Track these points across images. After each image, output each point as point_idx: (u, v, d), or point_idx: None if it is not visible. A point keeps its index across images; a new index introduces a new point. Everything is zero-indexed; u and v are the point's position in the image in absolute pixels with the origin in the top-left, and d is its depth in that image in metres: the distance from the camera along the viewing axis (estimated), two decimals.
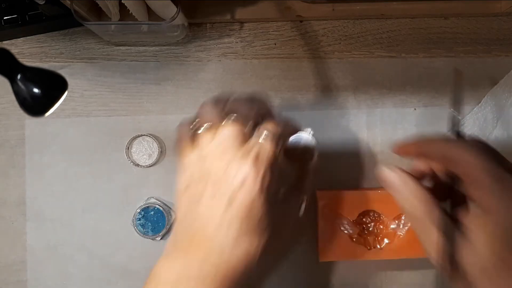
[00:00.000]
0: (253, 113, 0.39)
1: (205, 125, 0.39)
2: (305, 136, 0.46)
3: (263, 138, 0.37)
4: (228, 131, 0.37)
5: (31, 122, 0.51)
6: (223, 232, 0.35)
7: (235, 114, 0.38)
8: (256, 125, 0.39)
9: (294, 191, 0.41)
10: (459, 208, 0.36)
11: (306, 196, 0.42)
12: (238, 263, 0.35)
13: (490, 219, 0.33)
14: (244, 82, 0.52)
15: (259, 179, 0.35)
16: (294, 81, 0.52)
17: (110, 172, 0.51)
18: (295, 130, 0.43)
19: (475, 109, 0.51)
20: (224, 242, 0.35)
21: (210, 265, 0.34)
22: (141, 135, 0.51)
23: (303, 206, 0.42)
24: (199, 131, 0.39)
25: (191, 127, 0.40)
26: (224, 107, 0.39)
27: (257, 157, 0.35)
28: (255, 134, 0.38)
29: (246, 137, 0.37)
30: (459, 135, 0.39)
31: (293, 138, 0.44)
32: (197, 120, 0.40)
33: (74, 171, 0.51)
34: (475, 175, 0.34)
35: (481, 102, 0.51)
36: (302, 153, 0.46)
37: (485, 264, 0.33)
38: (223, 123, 0.38)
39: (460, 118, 0.40)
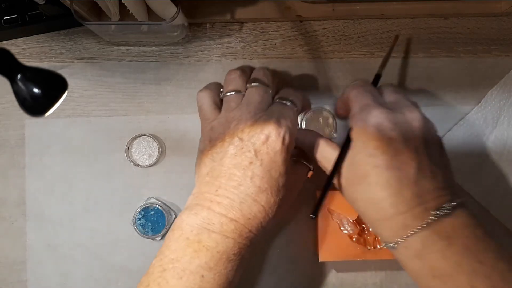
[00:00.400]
0: (275, 83, 0.44)
1: (231, 92, 0.42)
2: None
3: (286, 102, 0.41)
4: (254, 95, 0.41)
5: (31, 122, 0.51)
6: (246, 186, 0.38)
7: (258, 82, 0.42)
8: (276, 94, 0.43)
9: (303, 159, 0.45)
10: None
11: (312, 165, 0.45)
12: (255, 218, 0.38)
13: (355, 136, 0.40)
14: None
15: (280, 137, 0.38)
16: (293, 81, 0.52)
17: (110, 172, 0.51)
18: (308, 105, 0.48)
19: (475, 109, 0.51)
20: (246, 196, 0.38)
21: (231, 219, 0.38)
22: (141, 135, 0.51)
23: (310, 173, 0.45)
24: (228, 94, 0.42)
25: (221, 91, 0.44)
26: (249, 76, 0.43)
27: (279, 118, 0.39)
28: (277, 99, 0.42)
29: (269, 102, 0.42)
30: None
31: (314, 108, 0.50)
32: (224, 89, 0.43)
33: (74, 171, 0.51)
34: (350, 105, 0.42)
35: (481, 102, 0.51)
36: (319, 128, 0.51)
37: (348, 174, 0.40)
38: (248, 88, 0.42)
39: (380, 74, 0.47)
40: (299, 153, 0.45)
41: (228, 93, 0.42)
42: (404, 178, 0.37)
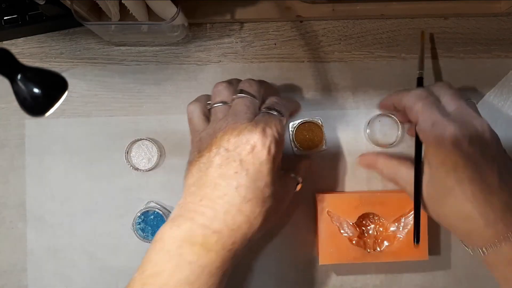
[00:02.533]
0: (261, 93, 0.43)
1: (218, 103, 0.42)
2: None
3: (271, 112, 0.41)
4: (240, 105, 0.41)
5: (31, 122, 0.51)
6: (230, 197, 0.37)
7: (245, 93, 0.42)
8: (263, 104, 0.43)
9: (292, 172, 0.45)
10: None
11: (301, 178, 0.46)
12: (239, 229, 0.38)
13: (429, 153, 0.42)
14: None
15: (266, 147, 0.38)
16: (294, 81, 0.52)
17: (110, 175, 0.51)
18: (298, 109, 0.49)
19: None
20: (230, 207, 0.37)
21: (214, 230, 0.37)
22: (140, 139, 0.50)
23: (299, 186, 0.45)
24: (215, 106, 0.42)
25: (208, 103, 0.44)
26: (236, 88, 0.43)
27: (265, 128, 0.39)
28: (263, 109, 0.42)
29: (255, 112, 0.41)
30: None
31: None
32: (212, 100, 0.43)
33: (74, 173, 0.51)
34: (416, 118, 0.42)
35: (480, 102, 0.51)
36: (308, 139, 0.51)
37: (430, 189, 0.42)
38: (235, 100, 0.42)
39: (421, 73, 0.48)
40: (288, 165, 0.45)
41: (215, 105, 0.42)
42: (490, 188, 0.39)
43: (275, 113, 0.41)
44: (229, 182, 0.37)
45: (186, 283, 0.36)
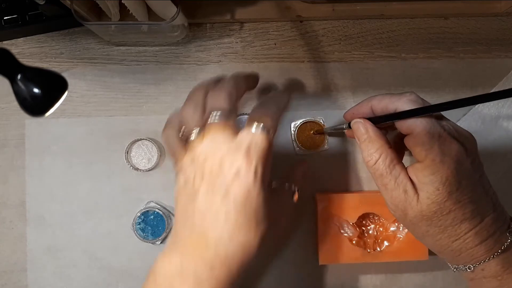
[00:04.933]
0: (234, 104, 0.40)
1: (194, 130, 0.39)
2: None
3: (254, 129, 0.37)
4: (216, 128, 0.38)
5: (31, 122, 0.51)
6: (220, 225, 0.35)
7: (217, 112, 0.38)
8: (237, 109, 0.40)
9: (286, 181, 0.43)
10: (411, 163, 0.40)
11: (297, 186, 0.43)
12: (234, 257, 0.36)
13: (428, 171, 0.37)
14: None
15: (252, 169, 0.35)
16: (293, 81, 0.52)
17: (110, 175, 0.51)
18: (287, 103, 0.43)
19: (473, 109, 0.51)
20: (221, 235, 0.35)
21: (205, 262, 0.35)
22: (140, 139, 0.50)
23: (296, 195, 0.43)
24: (191, 138, 0.39)
25: (180, 135, 0.40)
26: (204, 108, 0.40)
27: (249, 148, 0.36)
28: (246, 126, 0.38)
29: (234, 129, 0.38)
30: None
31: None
32: (183, 128, 0.40)
33: (74, 173, 0.51)
34: (411, 128, 0.38)
35: (469, 112, 0.51)
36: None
37: (425, 211, 0.38)
38: (208, 122, 0.38)
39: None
40: (282, 174, 0.44)
41: (191, 134, 0.39)
42: (485, 206, 0.38)
43: (259, 129, 0.37)
44: (217, 213, 0.35)
45: None
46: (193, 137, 0.39)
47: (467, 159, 0.38)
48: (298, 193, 0.44)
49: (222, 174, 0.36)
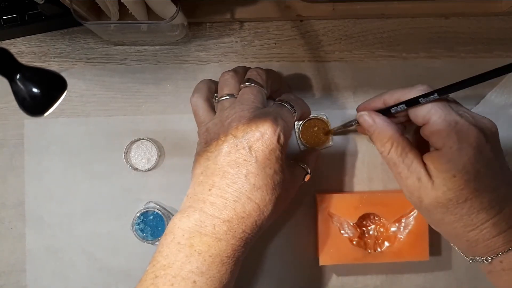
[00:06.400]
0: (269, 83, 0.43)
1: (226, 95, 0.41)
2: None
3: (283, 103, 0.40)
4: (247, 94, 0.40)
5: (30, 122, 0.51)
6: (241, 181, 0.37)
7: (252, 82, 0.41)
8: (270, 95, 0.43)
9: (301, 163, 0.44)
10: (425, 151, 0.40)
11: (310, 170, 0.45)
12: (249, 218, 0.37)
13: (445, 158, 0.37)
14: None
15: (276, 134, 0.37)
16: (294, 81, 0.52)
17: (109, 175, 0.51)
18: (308, 113, 0.46)
19: (473, 109, 0.51)
20: (239, 193, 0.37)
21: (222, 221, 0.37)
22: (140, 139, 0.50)
23: (308, 176, 0.44)
24: (222, 99, 0.41)
25: (216, 96, 0.43)
26: (243, 76, 0.43)
27: (276, 117, 0.38)
28: (277, 101, 0.41)
29: (263, 101, 0.41)
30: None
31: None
32: (219, 90, 0.42)
33: (73, 173, 0.51)
34: (427, 118, 0.39)
35: (480, 102, 0.51)
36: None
37: (440, 199, 0.38)
38: (242, 89, 0.41)
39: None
40: (296, 156, 0.45)
41: (222, 98, 0.41)
42: (504, 196, 0.38)
43: (287, 106, 0.40)
44: (238, 170, 0.37)
45: (197, 273, 0.36)
46: (223, 98, 0.41)
47: (486, 145, 0.37)
48: (310, 176, 0.45)
49: (247, 135, 0.37)
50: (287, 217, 0.51)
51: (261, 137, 0.37)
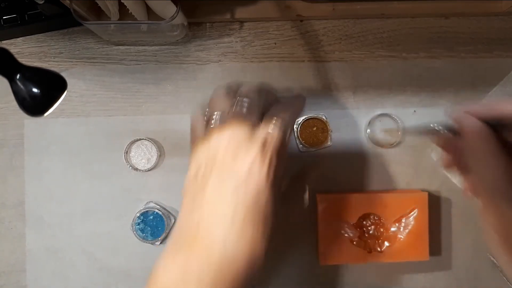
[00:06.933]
0: (261, 102, 0.40)
1: (215, 113, 0.39)
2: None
3: (272, 127, 0.37)
4: (237, 122, 0.37)
5: (30, 122, 0.51)
6: (228, 221, 0.34)
7: (244, 100, 0.38)
8: (263, 113, 0.39)
9: (298, 181, 0.42)
10: None
11: (308, 186, 0.43)
12: (241, 260, 0.34)
13: None
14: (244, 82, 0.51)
15: (265, 165, 0.35)
16: (294, 81, 0.52)
17: (109, 175, 0.51)
18: (303, 105, 0.43)
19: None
20: (229, 234, 0.34)
21: (211, 265, 0.33)
22: (140, 139, 0.50)
23: (306, 196, 0.42)
24: (211, 125, 0.39)
25: (205, 118, 0.40)
26: (234, 96, 0.40)
27: (264, 144, 0.36)
28: (264, 122, 0.38)
29: (254, 126, 0.37)
30: None
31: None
32: (207, 110, 0.40)
33: (73, 173, 0.51)
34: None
35: (482, 101, 0.51)
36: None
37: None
38: (232, 112, 0.38)
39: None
40: (298, 173, 0.43)
41: (213, 116, 0.39)
42: None
43: (276, 125, 0.37)
44: (227, 202, 0.34)
45: None
46: (213, 121, 0.38)
47: None
48: (309, 195, 0.43)
49: (235, 166, 0.35)
50: (287, 217, 0.51)
51: (248, 172, 0.35)
